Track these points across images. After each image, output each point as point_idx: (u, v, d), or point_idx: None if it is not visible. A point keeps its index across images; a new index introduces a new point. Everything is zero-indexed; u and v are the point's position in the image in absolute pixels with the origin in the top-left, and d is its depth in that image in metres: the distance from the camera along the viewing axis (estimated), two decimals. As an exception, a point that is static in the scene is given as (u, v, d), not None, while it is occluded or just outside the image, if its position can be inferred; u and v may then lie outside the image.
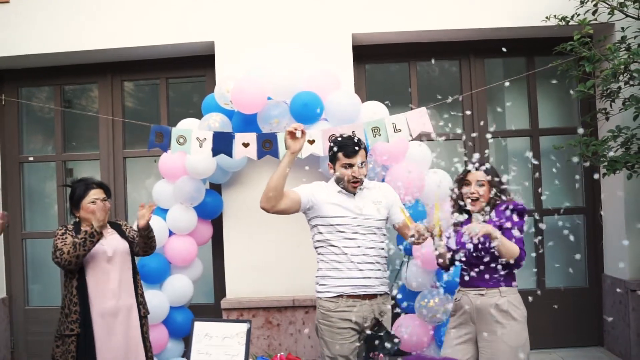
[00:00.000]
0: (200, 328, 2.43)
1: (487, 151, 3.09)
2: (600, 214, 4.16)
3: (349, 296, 2.68)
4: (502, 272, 2.50)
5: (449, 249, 2.65)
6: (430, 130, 3.38)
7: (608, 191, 4.13)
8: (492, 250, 2.44)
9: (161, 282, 3.82)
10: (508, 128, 4.57)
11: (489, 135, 3.02)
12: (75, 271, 2.87)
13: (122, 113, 4.46)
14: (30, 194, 4.83)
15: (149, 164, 4.85)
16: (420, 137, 4.18)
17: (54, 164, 4.61)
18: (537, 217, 2.81)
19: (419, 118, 3.34)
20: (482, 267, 2.51)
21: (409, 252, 3.52)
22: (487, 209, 2.59)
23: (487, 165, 2.61)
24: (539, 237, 3.31)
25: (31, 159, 4.50)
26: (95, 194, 2.97)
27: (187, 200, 3.70)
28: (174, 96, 4.88)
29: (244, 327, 2.39)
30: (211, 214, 3.94)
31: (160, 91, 4.47)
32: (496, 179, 2.64)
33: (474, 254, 2.51)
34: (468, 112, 4.14)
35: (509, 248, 2.45)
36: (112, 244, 2.97)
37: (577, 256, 2.90)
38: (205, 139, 3.36)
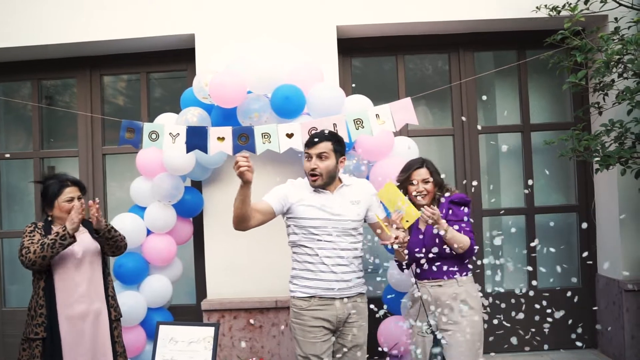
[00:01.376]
0: (165, 332, 2.30)
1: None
2: (593, 207, 4.04)
3: (322, 297, 2.61)
4: (456, 264, 2.63)
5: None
6: (415, 122, 3.26)
7: (601, 188, 4.01)
8: (444, 246, 2.57)
9: (139, 282, 3.68)
10: (499, 124, 4.45)
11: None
12: (43, 271, 2.74)
13: (102, 108, 4.33)
14: (9, 192, 4.70)
15: (134, 161, 4.71)
16: (407, 132, 4.09)
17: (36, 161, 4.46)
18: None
19: (404, 109, 3.20)
20: (437, 262, 2.61)
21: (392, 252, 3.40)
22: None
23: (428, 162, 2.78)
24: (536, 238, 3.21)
25: (7, 155, 4.36)
26: (70, 192, 2.83)
27: (165, 198, 3.57)
28: (165, 93, 4.76)
29: (210, 331, 2.26)
30: (191, 212, 3.80)
31: (141, 86, 4.34)
32: (437, 176, 2.76)
33: (430, 249, 2.61)
34: (464, 118, 4.04)
35: (459, 239, 2.55)
36: (82, 243, 2.82)
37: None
38: (178, 134, 3.23)
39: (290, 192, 2.67)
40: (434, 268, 2.63)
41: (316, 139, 2.63)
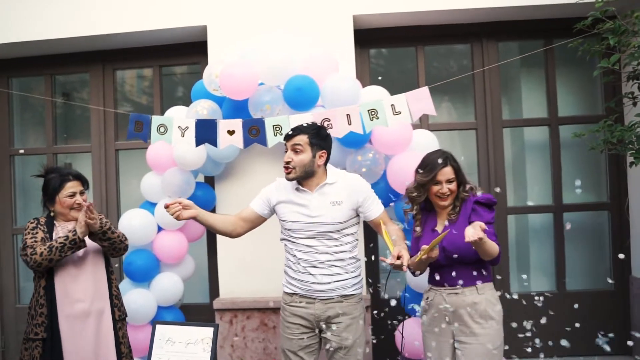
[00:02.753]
0: (162, 332, 2.18)
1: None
2: (627, 204, 3.79)
3: (302, 295, 2.57)
4: (476, 269, 2.40)
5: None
6: (433, 113, 3.08)
7: (636, 183, 3.76)
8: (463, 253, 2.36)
9: (149, 280, 3.59)
10: (525, 117, 4.23)
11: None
12: (44, 271, 2.65)
13: (114, 103, 4.27)
14: (25, 188, 4.68)
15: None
16: (428, 126, 3.92)
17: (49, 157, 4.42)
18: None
19: (421, 99, 3.02)
20: (456, 268, 2.40)
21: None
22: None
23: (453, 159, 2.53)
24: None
25: (22, 151, 4.33)
26: (72, 186, 2.73)
27: (175, 194, 3.47)
28: (186, 91, 4.69)
29: (209, 331, 2.14)
30: (203, 208, 3.66)
31: (154, 79, 4.27)
32: (461, 173, 2.51)
33: (453, 256, 2.38)
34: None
35: (492, 248, 2.29)
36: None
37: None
38: (187, 127, 3.12)
39: (271, 194, 2.66)
40: (453, 274, 2.39)
41: (292, 132, 2.56)
